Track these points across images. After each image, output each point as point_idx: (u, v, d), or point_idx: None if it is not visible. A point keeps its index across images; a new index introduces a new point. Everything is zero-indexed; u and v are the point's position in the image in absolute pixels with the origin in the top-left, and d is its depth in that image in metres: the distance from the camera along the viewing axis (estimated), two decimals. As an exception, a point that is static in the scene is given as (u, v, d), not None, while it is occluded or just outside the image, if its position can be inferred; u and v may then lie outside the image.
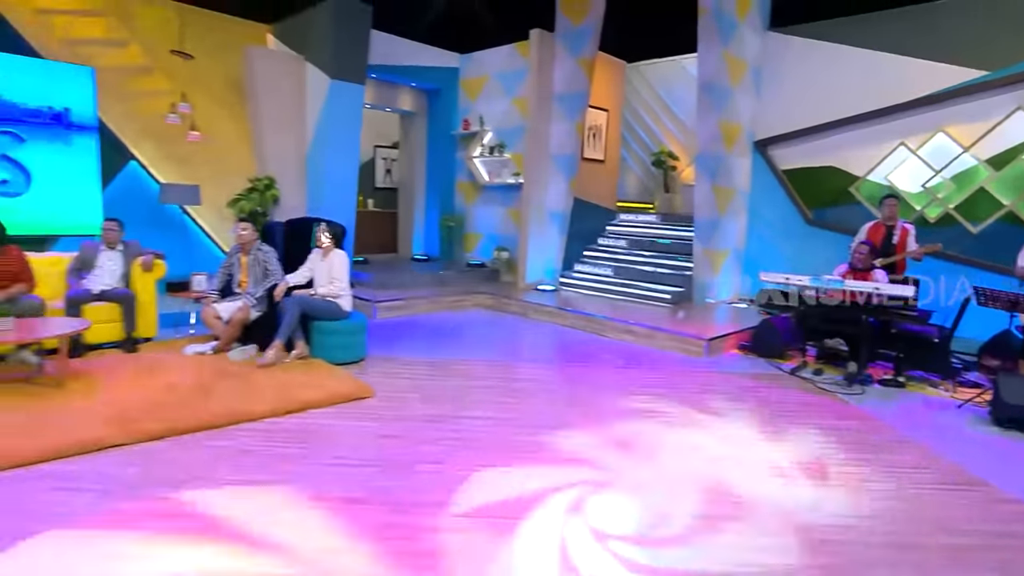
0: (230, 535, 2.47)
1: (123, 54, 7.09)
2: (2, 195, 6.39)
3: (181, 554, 2.33)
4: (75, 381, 4.13)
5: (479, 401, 4.28)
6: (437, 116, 9.91)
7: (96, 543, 2.38)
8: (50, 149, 6.62)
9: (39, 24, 6.54)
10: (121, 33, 7.06)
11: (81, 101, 6.73)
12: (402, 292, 7.55)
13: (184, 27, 7.02)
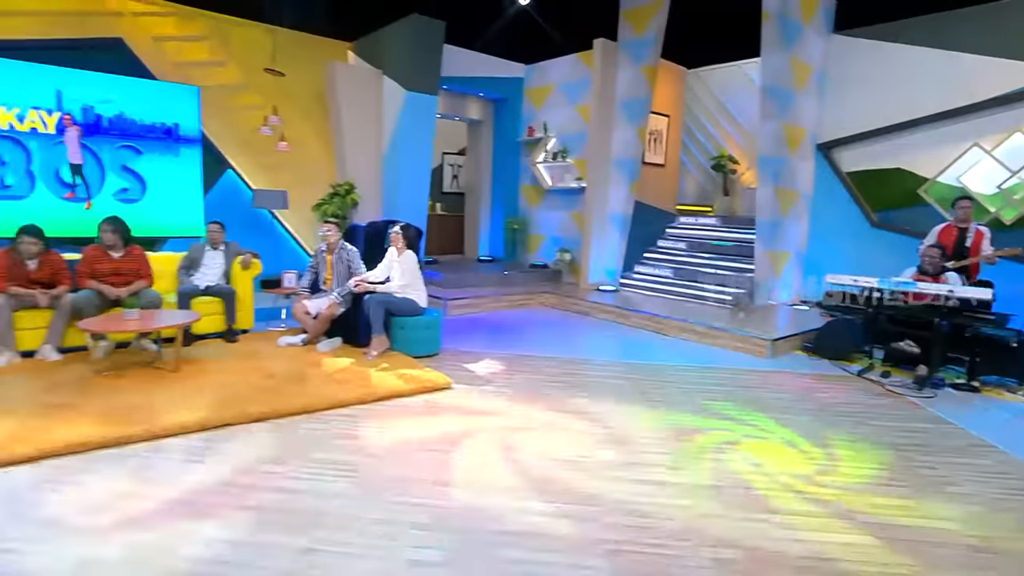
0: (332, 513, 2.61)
1: (223, 73, 7.52)
2: (122, 201, 6.91)
3: (293, 527, 2.48)
4: (187, 366, 4.44)
5: (550, 395, 4.32)
6: (503, 124, 10.02)
7: (218, 511, 2.57)
8: (161, 160, 7.10)
9: (155, 50, 7.03)
10: (221, 55, 7.49)
11: (188, 117, 7.19)
12: (470, 291, 7.68)
13: (276, 47, 7.38)
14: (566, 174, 9.13)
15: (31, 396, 3.72)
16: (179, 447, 3.20)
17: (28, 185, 6.41)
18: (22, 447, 2.99)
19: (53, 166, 6.50)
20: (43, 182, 6.48)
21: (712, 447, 3.48)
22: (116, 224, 4.89)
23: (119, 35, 6.79)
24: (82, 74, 6.49)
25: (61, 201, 6.59)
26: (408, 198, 7.76)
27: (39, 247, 4.60)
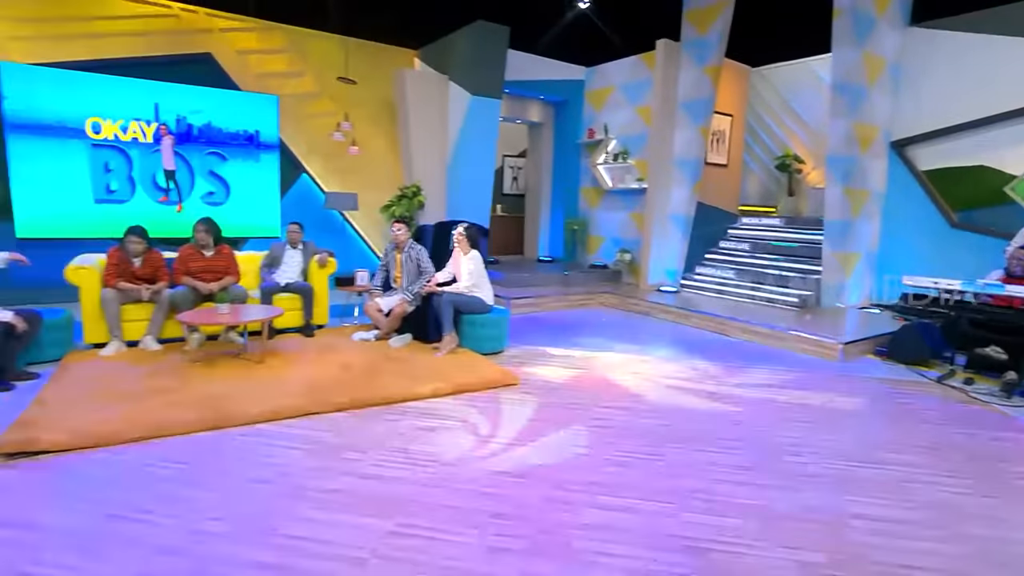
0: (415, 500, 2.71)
1: (299, 83, 7.87)
2: (209, 204, 7.34)
3: (379, 511, 2.59)
4: (271, 358, 4.68)
5: (617, 393, 4.31)
6: (563, 126, 10.04)
7: (310, 492, 2.71)
8: (244, 166, 7.50)
9: (239, 62, 7.43)
10: (298, 65, 7.84)
11: (268, 124, 7.57)
12: (531, 290, 7.73)
13: (348, 56, 7.66)
14: (626, 175, 9.05)
15: (138, 381, 4.01)
16: (271, 432, 3.38)
17: (129, 190, 6.91)
18: (137, 429, 3.23)
19: (150, 172, 6.98)
20: (142, 187, 6.96)
21: (788, 447, 3.39)
22: (209, 225, 5.20)
23: (208, 50, 7.21)
24: (176, 87, 6.94)
25: (156, 204, 7.06)
26: (472, 200, 7.88)
27: (143, 246, 4.94)
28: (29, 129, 6.25)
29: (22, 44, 6.22)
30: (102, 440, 3.13)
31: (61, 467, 2.89)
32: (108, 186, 6.76)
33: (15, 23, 6.18)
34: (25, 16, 6.22)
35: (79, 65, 6.46)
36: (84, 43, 6.51)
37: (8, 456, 2.96)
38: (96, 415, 3.37)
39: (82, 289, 4.82)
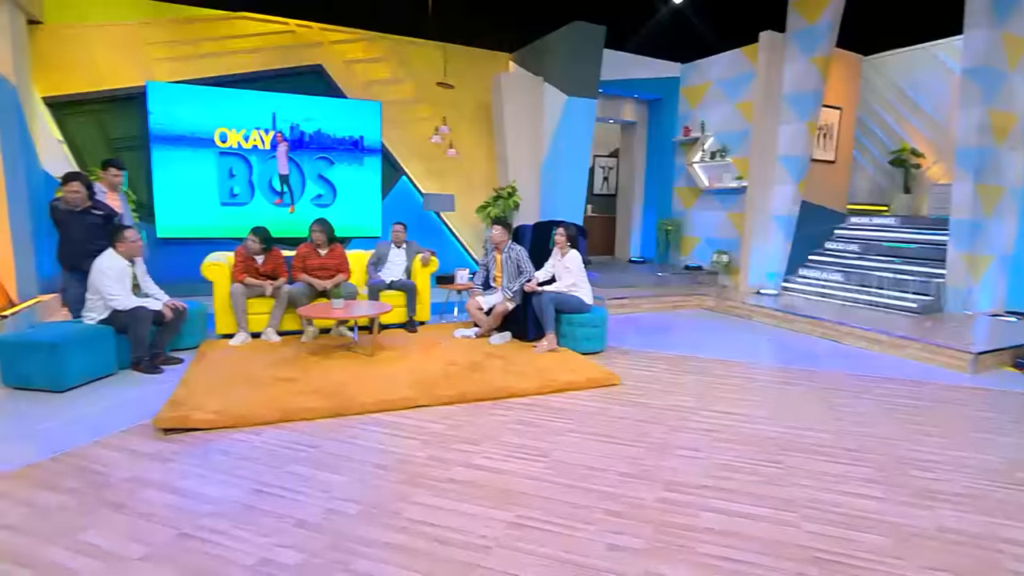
0: (530, 493, 2.75)
1: (400, 89, 8.21)
2: (318, 206, 7.83)
3: (497, 502, 2.66)
4: (380, 352, 4.92)
5: (720, 397, 4.18)
6: (657, 124, 9.84)
7: (428, 481, 2.83)
8: (349, 169, 7.94)
9: (346, 72, 7.87)
10: (400, 73, 8.19)
11: (371, 130, 7.96)
12: (625, 291, 7.64)
13: (446, 62, 7.91)
14: (724, 174, 8.73)
15: (264, 370, 4.35)
16: (386, 422, 3.56)
17: (249, 193, 7.49)
18: (271, 413, 3.51)
19: (267, 177, 7.54)
20: (260, 191, 7.53)
21: (917, 462, 3.15)
22: (323, 225, 5.55)
23: (320, 62, 7.70)
24: (291, 97, 7.46)
25: (271, 206, 7.61)
26: (566, 200, 7.90)
27: (259, 245, 5.33)
28: (168, 140, 6.94)
29: (164, 65, 6.92)
30: (241, 421, 3.42)
31: (209, 443, 3.19)
32: (231, 190, 7.37)
33: (159, 46, 6.88)
34: (168, 40, 6.91)
35: (210, 81, 7.10)
36: (214, 61, 7.14)
37: (165, 431, 3.30)
38: (234, 399, 3.68)
39: (215, 284, 5.29)
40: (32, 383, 3.87)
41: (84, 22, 6.50)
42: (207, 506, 2.55)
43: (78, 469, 2.86)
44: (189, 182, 7.11)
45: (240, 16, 7.19)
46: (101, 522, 2.41)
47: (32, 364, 3.83)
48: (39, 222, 6.09)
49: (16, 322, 5.17)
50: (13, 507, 2.50)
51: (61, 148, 6.61)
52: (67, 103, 6.57)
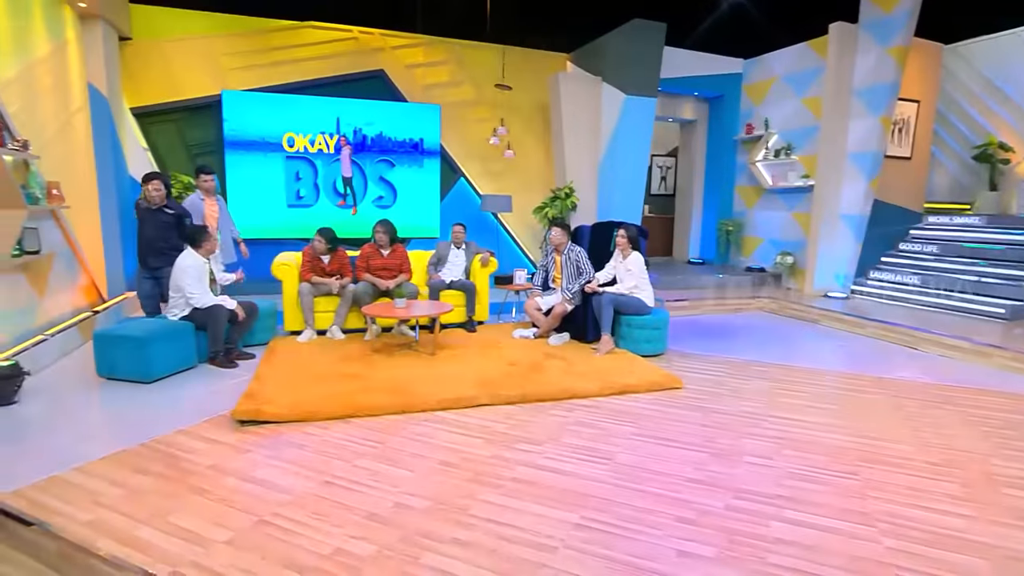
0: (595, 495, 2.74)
1: (459, 92, 8.33)
2: (379, 207, 8.04)
3: (562, 503, 2.66)
4: (440, 351, 5.00)
5: (789, 403, 4.03)
6: (718, 122, 9.59)
7: (491, 479, 2.85)
8: (409, 172, 8.11)
9: (407, 76, 8.05)
10: (459, 76, 8.30)
11: (430, 132, 8.11)
12: (684, 293, 7.48)
13: (504, 64, 7.95)
14: (789, 172, 8.42)
15: (330, 367, 4.50)
16: (450, 420, 3.62)
17: (314, 195, 7.77)
18: (339, 407, 3.64)
19: (331, 180, 7.80)
20: (324, 193, 7.80)
21: (1010, 480, 2.94)
22: (386, 226, 5.69)
23: (381, 67, 7.90)
24: (354, 102, 7.69)
25: (335, 208, 7.86)
26: (624, 200, 7.81)
27: (324, 245, 5.51)
28: (241, 145, 7.29)
29: (238, 74, 7.27)
30: (311, 415, 3.55)
31: (281, 436, 3.33)
32: (298, 192, 7.67)
33: (233, 57, 7.24)
34: (241, 51, 7.26)
35: (279, 88, 7.41)
36: (283, 69, 7.45)
37: (241, 422, 3.47)
38: (304, 393, 3.83)
39: (284, 282, 5.52)
40: (122, 374, 4.14)
41: (166, 37, 6.91)
42: (282, 495, 2.66)
43: (165, 455, 3.05)
44: (258, 185, 7.44)
45: (307, 25, 7.48)
46: (187, 506, 2.55)
47: (122, 357, 4.11)
48: (126, 224, 6.52)
49: (107, 318, 5.55)
50: (110, 488, 2.69)
51: (146, 155, 7.05)
52: (151, 113, 7.00)
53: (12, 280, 4.41)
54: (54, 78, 5.26)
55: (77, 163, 5.69)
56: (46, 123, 5.10)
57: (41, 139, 4.94)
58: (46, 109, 5.12)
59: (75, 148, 5.67)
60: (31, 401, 3.75)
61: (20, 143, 4.36)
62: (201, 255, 4.61)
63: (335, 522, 2.45)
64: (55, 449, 3.09)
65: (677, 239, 10.51)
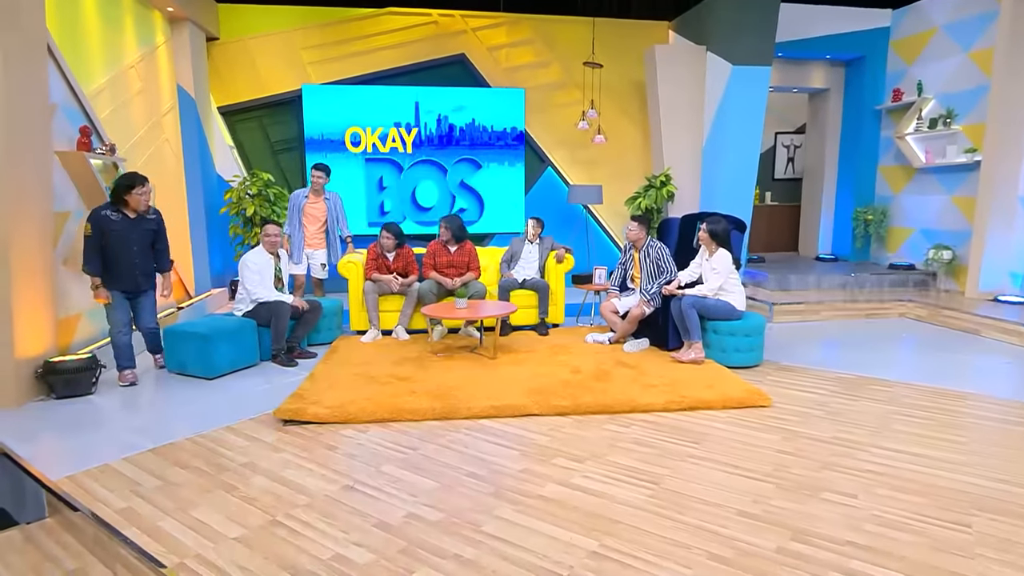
0: (624, 521, 2.68)
1: (545, 73, 8.38)
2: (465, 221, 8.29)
3: (584, 527, 2.63)
4: (503, 355, 5.10)
5: (903, 432, 3.64)
6: (856, 90, 8.79)
7: (515, 495, 2.88)
8: (491, 161, 8.29)
9: (489, 59, 8.24)
10: (545, 55, 8.35)
11: (515, 119, 8.24)
12: (804, 295, 6.98)
13: (594, 38, 7.87)
14: (949, 146, 7.52)
15: (385, 368, 4.75)
16: (492, 428, 3.70)
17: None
18: (380, 411, 3.86)
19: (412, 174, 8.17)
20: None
21: None
22: (451, 222, 5.90)
23: (462, 51, 8.15)
24: (434, 90, 8.01)
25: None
26: (730, 188, 7.43)
27: (393, 241, 5.83)
28: (320, 141, 7.87)
29: (317, 68, 7.87)
30: (350, 418, 3.80)
31: (319, 437, 3.59)
32: (380, 181, 8.12)
33: (312, 50, 7.84)
34: (319, 43, 7.85)
35: (357, 80, 7.91)
36: (362, 60, 7.94)
37: (284, 422, 3.79)
38: (349, 395, 4.09)
39: (349, 281, 5.91)
40: (188, 370, 4.68)
41: (251, 34, 7.65)
42: (302, 497, 2.89)
43: (207, 451, 3.41)
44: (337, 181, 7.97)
45: (386, 12, 7.91)
46: (213, 501, 2.85)
47: (188, 353, 4.64)
48: (212, 221, 7.32)
49: (191, 313, 6.27)
50: (149, 479, 3.07)
51: (231, 152, 7.86)
52: (237, 111, 7.79)
53: (101, 277, 5.13)
54: (144, 82, 6.04)
55: (166, 163, 6.48)
56: (136, 126, 5.88)
57: (130, 141, 5.71)
58: (136, 112, 5.90)
59: (164, 148, 6.46)
60: (106, 392, 4.35)
61: (107, 147, 5.07)
62: (266, 250, 5.08)
63: (343, 527, 2.62)
64: (113, 439, 3.58)
65: (804, 231, 9.78)
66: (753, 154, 7.51)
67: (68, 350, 4.53)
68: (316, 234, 6.21)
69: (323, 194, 6.21)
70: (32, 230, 4.13)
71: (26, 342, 4.09)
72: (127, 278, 4.45)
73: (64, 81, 4.69)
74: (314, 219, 6.18)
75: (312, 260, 6.24)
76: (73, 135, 4.68)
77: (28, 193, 4.08)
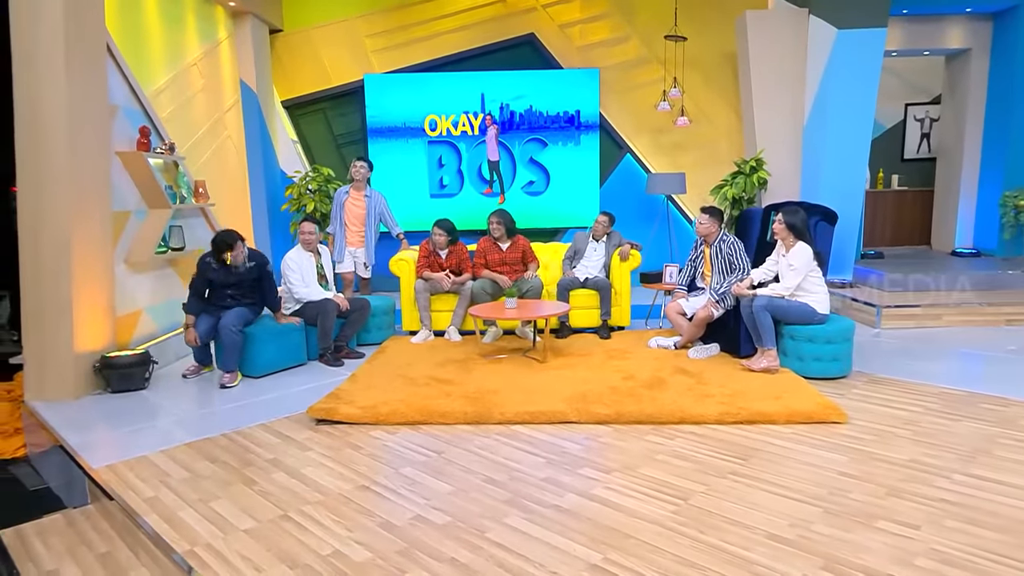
0: (638, 537, 2.76)
1: (623, 50, 8.41)
2: (529, 194, 8.51)
3: (593, 540, 2.74)
4: (555, 358, 5.26)
5: (1003, 459, 3.44)
6: (1006, 48, 8.11)
7: (528, 503, 3.03)
8: (563, 150, 8.44)
9: (561, 38, 8.40)
10: (623, 30, 8.38)
11: (588, 102, 8.33)
12: (928, 296, 6.59)
13: (678, 6, 7.77)
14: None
15: (427, 370, 5.04)
16: (523, 435, 3.87)
17: (459, 183, 8.54)
18: (411, 413, 4.14)
19: (476, 165, 8.48)
20: (469, 180, 8.52)
21: None
22: (501, 216, 6.12)
23: (531, 30, 8.35)
24: (500, 75, 8.26)
25: (480, 196, 8.53)
26: (837, 173, 7.13)
27: (445, 238, 6.11)
28: (383, 132, 8.34)
29: (378, 56, 8.35)
30: (381, 419, 4.10)
31: (348, 437, 3.92)
32: (441, 180, 8.50)
33: (375, 38, 8.34)
34: (382, 30, 8.32)
35: (420, 67, 8.31)
36: (424, 46, 8.34)
37: (317, 421, 4.15)
38: (384, 396, 4.40)
39: (401, 279, 6.27)
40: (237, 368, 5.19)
41: (314, 24, 8.24)
42: (316, 494, 3.19)
43: (238, 446, 3.82)
44: (402, 173, 8.42)
45: (452, -7, 8.26)
46: (232, 494, 3.22)
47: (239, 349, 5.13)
48: (275, 218, 7.96)
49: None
50: (179, 470, 3.50)
51: (295, 147, 8.50)
52: (300, 104, 8.42)
53: (162, 275, 5.80)
54: (206, 79, 6.71)
55: (228, 159, 7.15)
56: (198, 123, 6.55)
57: (192, 139, 6.36)
58: (198, 110, 6.57)
59: (226, 145, 7.14)
60: (157, 387, 4.94)
61: (167, 146, 5.69)
62: (304, 248, 5.52)
63: (349, 526, 2.88)
64: (155, 432, 4.09)
65: (939, 221, 9.15)
66: (865, 133, 7.18)
67: (128, 346, 5.15)
68: (358, 232, 6.58)
69: (364, 189, 6.56)
70: (93, 229, 4.75)
71: (85, 337, 4.72)
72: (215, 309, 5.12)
73: (125, 82, 5.34)
74: (355, 216, 6.54)
75: (356, 258, 6.63)
76: (133, 135, 5.31)
77: (89, 193, 4.70)
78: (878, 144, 9.12)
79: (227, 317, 4.95)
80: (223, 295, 5.09)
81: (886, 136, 9.69)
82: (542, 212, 8.49)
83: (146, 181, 5.41)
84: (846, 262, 7.34)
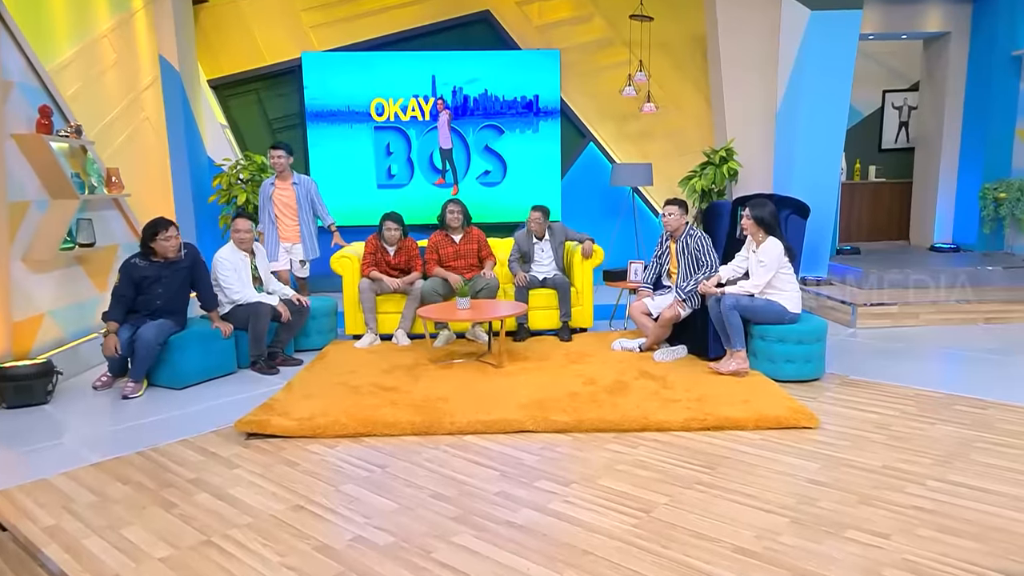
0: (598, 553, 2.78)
1: (586, 30, 8.50)
2: (485, 184, 8.53)
3: (551, 558, 2.75)
4: (511, 363, 5.29)
5: (980, 464, 3.57)
6: (986, 32, 8.42)
7: (481, 520, 3.03)
8: (521, 138, 8.47)
9: (518, 17, 8.45)
10: (585, 8, 8.48)
11: (548, 86, 8.39)
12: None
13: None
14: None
15: (372, 377, 5.00)
16: (475, 446, 3.88)
17: (408, 173, 8.50)
18: (352, 425, 4.10)
19: (427, 153, 8.45)
20: (419, 170, 8.49)
21: None
22: (460, 205, 6.12)
23: (487, 7, 8.36)
24: (452, 55, 8.26)
25: (432, 187, 8.51)
26: (810, 163, 7.32)
27: (399, 233, 6.07)
28: (324, 116, 8.25)
29: (318, 32, 8.26)
30: (319, 431, 4.05)
31: (282, 452, 3.86)
32: (389, 170, 8.44)
33: (314, 11, 8.24)
34: (319, 4, 8.22)
35: (365, 45, 8.24)
36: (369, 22, 8.28)
37: (247, 435, 4.08)
38: (323, 406, 4.35)
39: (344, 278, 6.20)
40: (155, 380, 5.06)
41: (246, -5, 8.11)
42: (245, 517, 3.13)
43: (155, 465, 3.72)
44: (345, 162, 8.33)
45: (400, -37, 8.22)
46: (147, 519, 3.13)
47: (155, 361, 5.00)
48: (201, 211, 7.79)
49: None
50: (84, 494, 3.39)
51: (224, 132, 8.35)
52: (229, 84, 8.27)
53: (68, 274, 5.60)
54: (119, 53, 6.51)
55: (147, 144, 6.96)
56: (110, 103, 6.36)
57: (103, 121, 6.18)
58: (110, 88, 6.37)
59: (144, 128, 6.95)
60: (62, 401, 4.78)
61: (73, 128, 5.52)
62: (238, 247, 5.42)
63: (280, 550, 2.84)
64: (58, 451, 3.96)
65: (916, 215, 9.47)
66: (840, 121, 7.38)
67: (27, 355, 4.97)
68: (292, 226, 6.44)
69: (290, 178, 6.42)
70: (-16, 222, 4.58)
71: (-25, 345, 4.55)
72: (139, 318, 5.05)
73: (21, 54, 5.12)
74: (285, 206, 6.37)
75: (291, 255, 6.51)
76: (32, 115, 5.12)
77: (-21, 181, 4.53)
78: (854, 133, 9.40)
79: (148, 330, 4.86)
80: (152, 299, 5.02)
81: (863, 124, 9.98)
82: (499, 204, 8.51)
83: (48, 168, 5.22)
84: (820, 258, 7.54)
